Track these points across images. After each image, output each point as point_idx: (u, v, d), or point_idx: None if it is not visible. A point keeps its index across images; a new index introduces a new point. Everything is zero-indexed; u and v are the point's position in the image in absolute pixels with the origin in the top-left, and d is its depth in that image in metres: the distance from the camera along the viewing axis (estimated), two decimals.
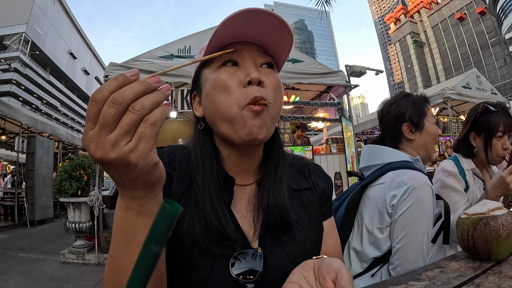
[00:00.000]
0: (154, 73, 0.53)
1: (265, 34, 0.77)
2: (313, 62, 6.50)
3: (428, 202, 1.29)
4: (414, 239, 1.27)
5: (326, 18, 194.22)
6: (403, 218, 1.28)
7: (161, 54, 5.58)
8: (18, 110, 9.14)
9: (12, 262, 5.22)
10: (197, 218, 0.73)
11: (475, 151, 1.87)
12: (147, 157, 0.48)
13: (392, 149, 1.54)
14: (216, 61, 0.78)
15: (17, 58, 51.95)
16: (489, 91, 9.49)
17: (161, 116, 0.48)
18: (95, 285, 4.15)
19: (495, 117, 1.80)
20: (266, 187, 0.81)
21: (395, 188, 1.32)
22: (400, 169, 1.39)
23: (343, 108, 6.60)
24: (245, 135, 0.73)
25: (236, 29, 0.75)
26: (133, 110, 0.46)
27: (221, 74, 0.76)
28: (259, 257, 0.74)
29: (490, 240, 0.99)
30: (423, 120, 1.54)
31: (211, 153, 0.80)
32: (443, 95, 7.91)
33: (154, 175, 0.52)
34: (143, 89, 0.47)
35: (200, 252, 0.72)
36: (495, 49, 74.65)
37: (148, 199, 0.55)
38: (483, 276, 0.89)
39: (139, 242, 0.56)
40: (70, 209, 5.45)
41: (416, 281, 0.88)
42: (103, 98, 0.45)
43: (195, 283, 0.72)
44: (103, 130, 0.46)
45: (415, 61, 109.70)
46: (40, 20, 58.51)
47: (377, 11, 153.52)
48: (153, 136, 0.48)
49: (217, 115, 0.76)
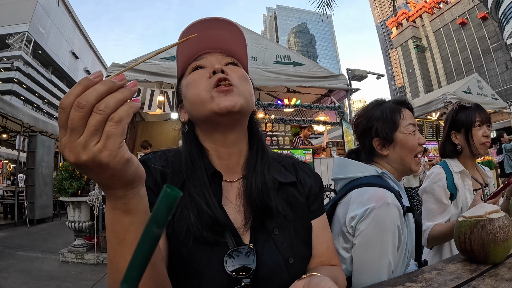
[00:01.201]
0: (154, 73, 0.54)
1: (218, 38, 0.92)
2: (314, 65, 6.51)
3: (389, 222, 1.18)
4: (370, 262, 1.19)
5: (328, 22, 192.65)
6: (360, 239, 1.20)
7: (163, 56, 5.59)
8: (19, 108, 9.16)
9: (11, 260, 5.22)
10: (191, 208, 0.79)
11: (458, 149, 1.94)
12: (117, 155, 0.49)
13: (357, 163, 1.44)
14: (187, 71, 0.93)
15: (19, 57, 52.03)
16: (490, 96, 9.48)
17: (127, 113, 0.49)
18: (93, 284, 4.15)
19: (470, 111, 1.92)
20: (249, 177, 0.88)
21: (354, 209, 1.24)
22: (363, 187, 1.29)
23: (344, 112, 6.61)
24: (218, 108, 0.81)
25: (193, 46, 0.91)
26: (98, 111, 0.46)
27: (191, 76, 0.90)
28: (252, 255, 0.77)
29: (487, 243, 1.00)
30: (395, 133, 1.43)
31: (197, 151, 0.89)
32: (444, 99, 7.93)
33: (129, 172, 0.53)
34: (106, 89, 0.47)
35: (195, 241, 0.76)
36: (496, 54, 74.61)
37: (130, 197, 0.56)
38: (480, 279, 0.90)
39: (130, 241, 0.58)
40: (70, 208, 5.46)
41: (413, 282, 0.89)
42: (69, 103, 0.46)
43: (192, 276, 0.75)
44: (73, 134, 0.47)
45: (416, 66, 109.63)
46: (43, 20, 58.59)
47: (379, 15, 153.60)
48: (120, 134, 0.48)
49: (193, 108, 0.87)
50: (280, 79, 5.98)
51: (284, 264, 0.81)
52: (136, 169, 0.54)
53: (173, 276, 0.75)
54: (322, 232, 0.94)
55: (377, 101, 1.55)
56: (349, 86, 6.71)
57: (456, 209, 1.82)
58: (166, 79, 5.44)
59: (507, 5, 60.17)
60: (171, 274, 0.75)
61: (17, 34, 54.21)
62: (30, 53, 54.85)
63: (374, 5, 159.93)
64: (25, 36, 53.88)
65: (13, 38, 53.86)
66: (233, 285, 0.74)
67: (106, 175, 0.51)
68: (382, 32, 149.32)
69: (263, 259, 0.79)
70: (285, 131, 6.06)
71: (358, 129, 1.55)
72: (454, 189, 1.83)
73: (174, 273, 0.76)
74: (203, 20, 0.89)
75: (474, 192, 1.87)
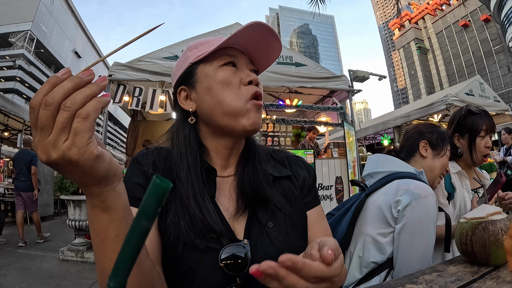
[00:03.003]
0: (155, 73, 0.53)
1: (256, 47, 0.88)
2: (316, 66, 6.50)
3: (433, 212, 1.31)
4: (420, 247, 1.29)
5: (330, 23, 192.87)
6: (410, 226, 1.30)
7: (165, 55, 5.59)
8: (21, 107, 9.16)
9: (11, 258, 5.22)
10: (182, 214, 0.77)
11: (459, 152, 1.97)
12: (86, 151, 0.47)
13: (399, 160, 1.59)
14: (218, 60, 0.85)
15: (21, 56, 52.25)
16: (492, 99, 9.45)
17: (95, 108, 0.47)
18: (93, 283, 4.15)
19: (478, 119, 1.93)
20: (241, 171, 0.88)
21: (401, 195, 1.34)
22: (407, 179, 1.41)
23: (345, 113, 6.59)
24: (249, 125, 0.81)
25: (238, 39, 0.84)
26: (64, 108, 0.46)
27: (225, 72, 0.84)
28: (247, 251, 0.76)
29: (488, 245, 0.99)
30: (443, 147, 1.63)
31: (196, 148, 0.85)
32: (446, 101, 7.90)
33: (100, 168, 0.51)
34: (73, 85, 0.46)
35: (184, 247, 0.75)
36: (499, 56, 74.58)
37: (106, 194, 0.55)
38: (481, 281, 0.89)
39: (111, 239, 0.57)
40: (71, 206, 5.46)
41: (413, 284, 0.89)
42: (38, 103, 0.46)
43: (186, 273, 0.74)
44: (43, 133, 0.46)
45: (418, 68, 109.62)
46: (45, 19, 58.82)
47: (381, 17, 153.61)
48: (88, 129, 0.47)
49: (219, 108, 0.82)
50: (282, 79, 5.97)
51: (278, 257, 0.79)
52: (108, 165, 0.53)
53: (166, 272, 0.75)
54: (317, 223, 0.93)
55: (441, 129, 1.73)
56: (351, 87, 6.69)
57: (453, 209, 1.85)
58: (168, 78, 5.43)
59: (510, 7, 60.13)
60: (164, 270, 0.75)
61: (20, 32, 54.43)
62: (32, 51, 55.06)
63: (376, 7, 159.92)
64: (28, 35, 54.11)
65: (16, 37, 54.07)
66: (227, 282, 0.74)
67: (78, 173, 0.50)
68: (384, 33, 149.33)
69: (257, 253, 0.78)
70: (286, 132, 6.04)
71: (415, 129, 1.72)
72: (452, 189, 1.86)
73: (167, 269, 0.75)
74: (263, 24, 0.82)
75: (472, 192, 1.91)
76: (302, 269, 0.49)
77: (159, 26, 0.63)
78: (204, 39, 0.92)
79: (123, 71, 5.33)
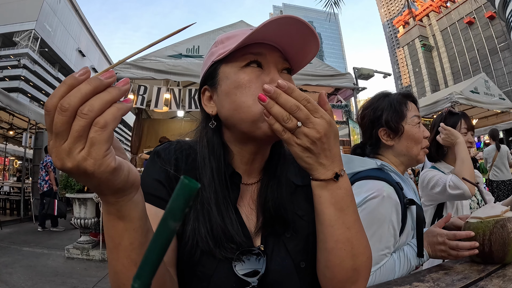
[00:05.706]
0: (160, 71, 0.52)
1: (292, 42, 0.76)
2: (321, 64, 6.50)
3: (383, 213, 1.22)
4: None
5: (335, 21, 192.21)
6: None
7: (169, 53, 5.61)
8: (26, 106, 9.21)
9: (16, 256, 5.27)
10: (203, 221, 0.73)
11: (444, 150, 2.14)
12: (102, 164, 0.44)
13: (359, 158, 1.46)
14: (240, 60, 0.76)
15: (26, 55, 52.52)
16: (497, 96, 9.41)
17: (114, 116, 0.44)
18: (98, 280, 4.17)
19: (458, 118, 2.16)
20: (265, 185, 0.83)
21: (356, 198, 1.22)
22: (363, 180, 1.33)
23: (350, 111, 6.58)
24: (271, 131, 0.69)
25: (267, 34, 0.74)
26: (81, 115, 0.42)
27: (245, 75, 0.75)
28: (262, 259, 0.74)
29: (508, 242, 0.99)
30: (402, 124, 1.45)
31: (220, 152, 0.80)
32: (451, 99, 7.86)
33: (117, 180, 0.48)
34: (91, 89, 0.43)
35: (202, 255, 0.72)
36: (504, 54, 73.99)
37: (122, 204, 0.52)
38: (488, 279, 0.89)
39: (125, 246, 0.55)
40: (76, 205, 5.48)
41: (420, 282, 0.89)
42: (53, 106, 0.43)
43: (201, 279, 0.72)
44: (58, 139, 0.44)
45: (423, 65, 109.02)
46: (49, 18, 59.05)
47: (386, 14, 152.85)
48: (105, 140, 0.44)
49: (237, 114, 0.75)
50: None
51: (294, 269, 0.77)
52: (126, 176, 0.50)
53: (180, 275, 0.73)
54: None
55: (383, 93, 1.57)
56: (356, 84, 6.69)
57: (451, 207, 1.99)
58: (172, 76, 5.45)
59: None
60: (178, 275, 0.73)
61: (24, 32, 54.70)
62: (37, 50, 55.35)
63: (380, 4, 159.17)
64: (32, 34, 54.37)
65: (20, 36, 54.35)
66: (241, 287, 0.72)
67: (93, 183, 0.48)
68: (388, 31, 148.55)
69: (272, 264, 0.75)
70: None
71: (364, 121, 1.56)
72: None
73: (181, 272, 0.74)
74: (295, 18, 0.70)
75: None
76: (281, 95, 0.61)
77: (190, 25, 0.60)
78: (233, 32, 0.81)
79: (128, 70, 5.34)
